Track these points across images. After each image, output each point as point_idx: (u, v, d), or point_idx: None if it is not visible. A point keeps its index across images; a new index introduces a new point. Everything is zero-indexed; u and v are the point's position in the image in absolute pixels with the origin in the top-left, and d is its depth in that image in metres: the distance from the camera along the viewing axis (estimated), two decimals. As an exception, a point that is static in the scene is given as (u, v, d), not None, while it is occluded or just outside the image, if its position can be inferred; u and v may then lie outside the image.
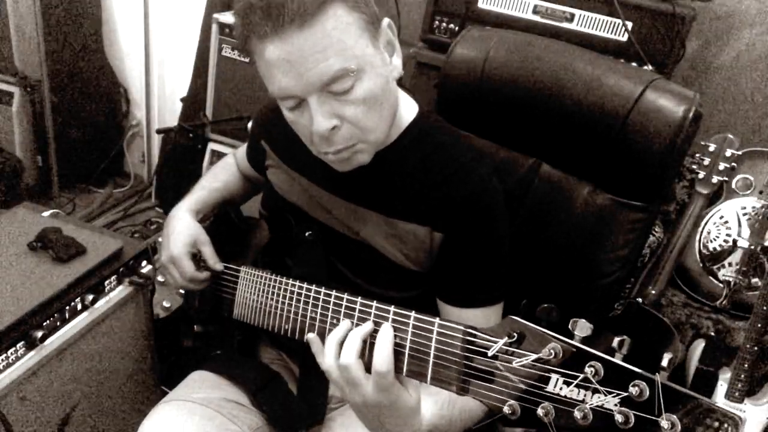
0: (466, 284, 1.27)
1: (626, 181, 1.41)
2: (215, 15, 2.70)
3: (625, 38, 1.98)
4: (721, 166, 2.02)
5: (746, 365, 1.85)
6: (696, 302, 2.20)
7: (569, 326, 0.81)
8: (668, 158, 1.34)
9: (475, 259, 1.25)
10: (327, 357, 1.03)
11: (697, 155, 2.07)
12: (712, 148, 2.04)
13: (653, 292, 2.04)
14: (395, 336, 0.99)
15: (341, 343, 1.02)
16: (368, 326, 1.02)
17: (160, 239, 1.63)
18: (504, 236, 1.28)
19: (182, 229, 1.50)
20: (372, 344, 0.99)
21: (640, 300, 2.03)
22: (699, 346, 2.05)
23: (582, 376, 0.77)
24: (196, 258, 1.49)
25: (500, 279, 1.28)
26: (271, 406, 1.40)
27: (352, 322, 1.05)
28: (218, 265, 1.47)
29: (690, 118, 1.32)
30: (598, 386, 0.75)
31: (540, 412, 0.80)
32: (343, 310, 1.10)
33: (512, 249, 1.31)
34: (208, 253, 1.48)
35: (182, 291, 1.59)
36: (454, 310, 1.28)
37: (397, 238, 1.28)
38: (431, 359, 0.95)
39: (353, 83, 1.10)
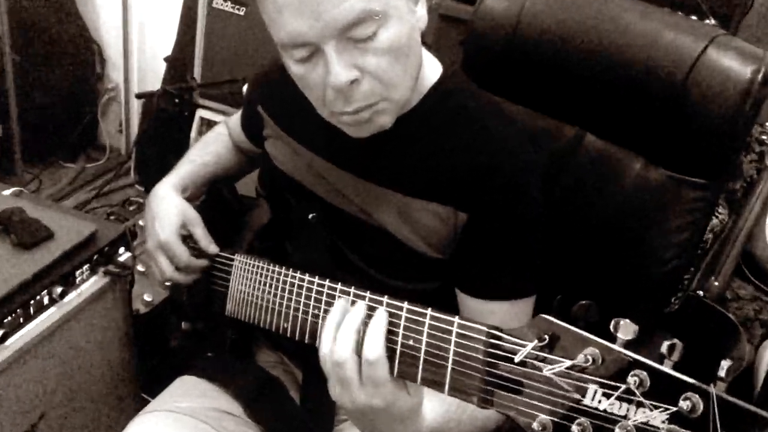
0: (492, 271, 1.26)
1: (685, 154, 1.40)
2: (204, -41, 2.71)
3: (684, -15, 1.97)
4: (798, 136, 2.01)
5: (827, 370, 1.85)
6: (767, 295, 2.20)
7: (611, 327, 0.80)
8: (734, 127, 1.34)
9: (503, 241, 1.25)
10: (323, 344, 1.04)
11: (768, 124, 2.06)
12: (787, 114, 2.03)
13: (716, 284, 2.04)
14: (408, 337, 1.00)
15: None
16: (361, 311, 1.04)
17: (140, 222, 1.64)
18: (538, 218, 1.27)
19: (169, 208, 1.52)
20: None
21: (700, 293, 2.03)
22: (770, 346, 2.05)
23: (624, 386, 0.77)
24: (187, 242, 1.50)
25: (532, 268, 1.28)
26: (269, 417, 1.42)
27: (348, 300, 1.07)
28: (212, 247, 1.49)
29: (759, 81, 1.31)
30: (642, 399, 0.75)
31: (575, 429, 0.80)
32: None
33: (547, 234, 1.31)
34: (200, 233, 1.49)
35: (167, 283, 1.59)
36: (477, 302, 1.28)
37: (416, 221, 1.28)
38: (450, 365, 0.95)
39: (377, 29, 1.09)
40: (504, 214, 1.24)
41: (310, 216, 1.36)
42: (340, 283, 1.13)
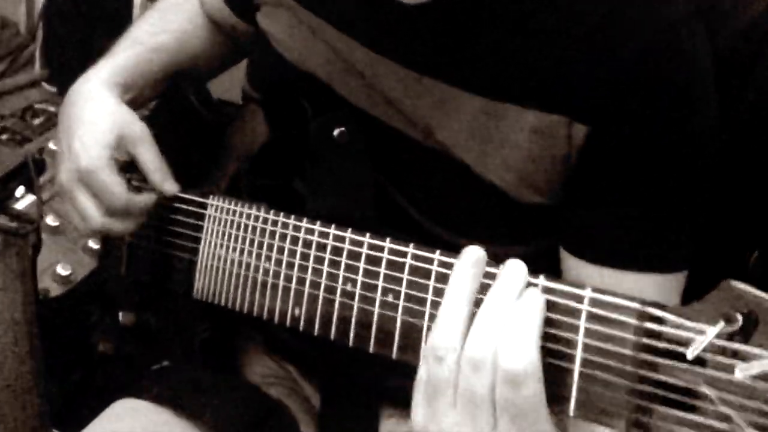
0: (628, 226, 1.25)
1: None
2: None
3: None
4: None
5: None
6: None
7: None
8: None
9: (646, 176, 1.23)
10: (446, 327, 0.95)
11: None
12: None
13: None
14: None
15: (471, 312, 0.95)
16: (519, 281, 0.95)
17: (51, 145, 1.65)
18: (707, 138, 1.26)
19: (98, 117, 1.52)
20: None
21: None
22: None
23: None
24: (126, 173, 1.51)
25: (691, 221, 1.27)
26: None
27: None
28: (168, 184, 1.49)
29: None
30: None
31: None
32: (405, 275, 1.11)
33: (725, 159, 1.31)
34: (149, 160, 1.50)
35: (94, 245, 1.62)
36: (603, 274, 1.26)
37: (504, 142, 1.28)
38: (577, 367, 0.93)
39: None
40: (652, 130, 1.22)
41: (337, 133, 1.36)
42: (389, 240, 1.13)
